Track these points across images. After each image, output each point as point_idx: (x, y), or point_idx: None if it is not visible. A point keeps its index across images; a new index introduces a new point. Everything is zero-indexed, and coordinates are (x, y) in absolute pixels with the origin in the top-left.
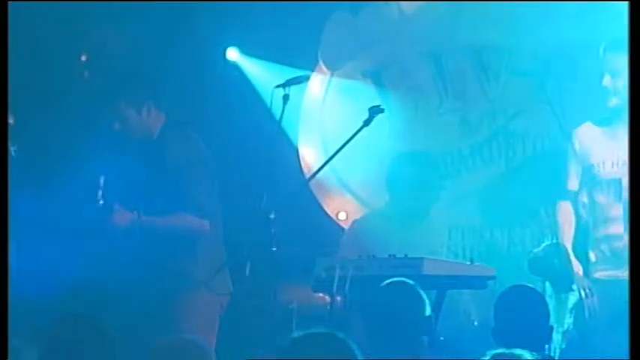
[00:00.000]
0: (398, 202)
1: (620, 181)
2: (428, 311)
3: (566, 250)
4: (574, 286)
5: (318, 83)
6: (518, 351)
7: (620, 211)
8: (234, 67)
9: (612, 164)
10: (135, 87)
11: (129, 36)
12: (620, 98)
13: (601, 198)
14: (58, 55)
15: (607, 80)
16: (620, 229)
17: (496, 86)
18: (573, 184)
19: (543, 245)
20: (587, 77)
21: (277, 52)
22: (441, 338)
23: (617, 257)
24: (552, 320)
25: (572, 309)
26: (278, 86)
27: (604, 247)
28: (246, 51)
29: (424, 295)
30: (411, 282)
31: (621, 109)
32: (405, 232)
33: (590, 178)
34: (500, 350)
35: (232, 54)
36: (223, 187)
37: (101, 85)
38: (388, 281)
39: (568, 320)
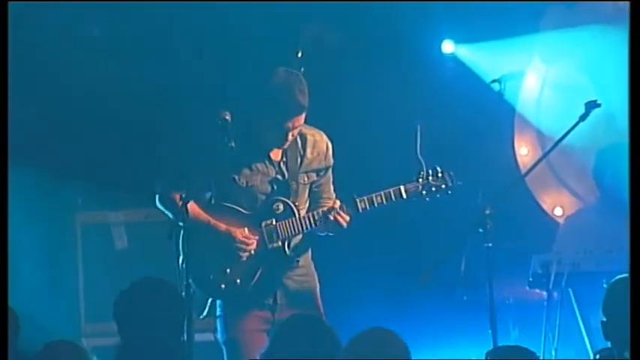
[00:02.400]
0: (609, 196)
1: None
2: None
3: None
4: None
5: (533, 78)
6: None
7: None
8: (452, 59)
9: None
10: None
11: (340, 36)
12: None
13: None
14: (272, 53)
15: None
16: None
17: None
18: None
19: None
20: None
21: (492, 44)
22: None
23: None
24: None
25: None
26: (493, 81)
27: None
28: (461, 41)
29: None
30: None
31: None
32: (622, 227)
33: None
34: None
35: (448, 46)
36: None
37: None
38: (621, 277)
39: None
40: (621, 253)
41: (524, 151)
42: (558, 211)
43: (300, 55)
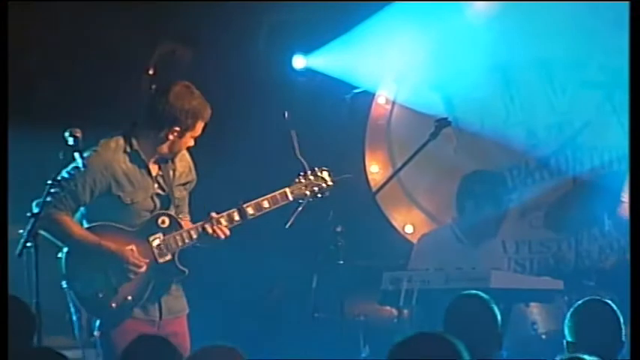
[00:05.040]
0: (466, 219)
1: None
2: (499, 328)
3: None
4: None
5: (384, 96)
6: (586, 357)
7: None
8: (304, 73)
9: None
10: None
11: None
12: None
13: None
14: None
15: None
16: None
17: (563, 98)
18: None
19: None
20: None
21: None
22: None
23: None
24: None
25: None
26: (344, 98)
27: None
28: (312, 56)
29: (497, 311)
30: (486, 296)
31: None
32: (473, 245)
33: None
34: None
35: (299, 62)
36: None
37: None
38: (463, 293)
39: None
40: (471, 270)
41: (375, 169)
42: (409, 229)
43: (151, 72)
